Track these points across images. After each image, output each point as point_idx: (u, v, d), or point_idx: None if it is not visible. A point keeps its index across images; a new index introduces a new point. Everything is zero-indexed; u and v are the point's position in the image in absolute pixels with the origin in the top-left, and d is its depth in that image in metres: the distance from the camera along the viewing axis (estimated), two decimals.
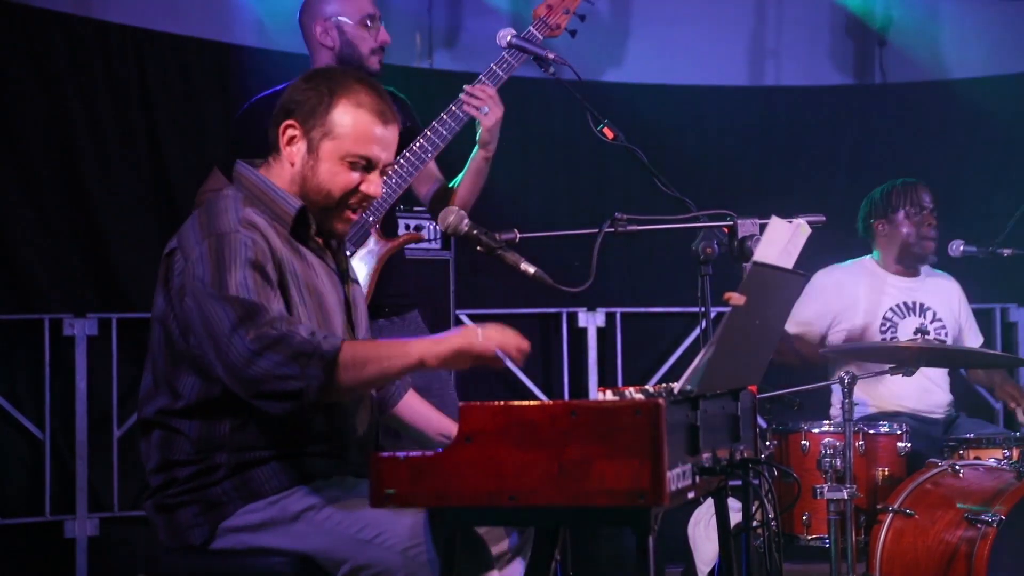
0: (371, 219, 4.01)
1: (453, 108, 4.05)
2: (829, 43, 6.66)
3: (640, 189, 5.38)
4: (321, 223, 2.96)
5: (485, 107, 4.01)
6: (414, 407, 3.24)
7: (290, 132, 2.91)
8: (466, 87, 4.04)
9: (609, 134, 3.76)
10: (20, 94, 5.26)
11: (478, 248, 3.15)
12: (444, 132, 4.05)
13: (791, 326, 5.10)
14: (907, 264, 5.25)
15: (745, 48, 6.59)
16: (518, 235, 3.26)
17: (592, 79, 4.18)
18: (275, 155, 2.95)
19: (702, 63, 6.53)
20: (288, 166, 2.92)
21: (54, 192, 5.39)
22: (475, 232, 3.14)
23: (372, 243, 4.04)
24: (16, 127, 5.28)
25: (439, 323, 4.68)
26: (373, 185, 2.92)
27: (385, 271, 4.04)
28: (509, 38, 4.03)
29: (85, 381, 5.35)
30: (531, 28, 4.11)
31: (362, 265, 4.01)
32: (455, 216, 3.15)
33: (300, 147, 2.90)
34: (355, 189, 2.91)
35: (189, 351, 2.81)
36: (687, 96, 6.51)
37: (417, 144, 4.03)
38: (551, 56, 3.95)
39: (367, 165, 2.91)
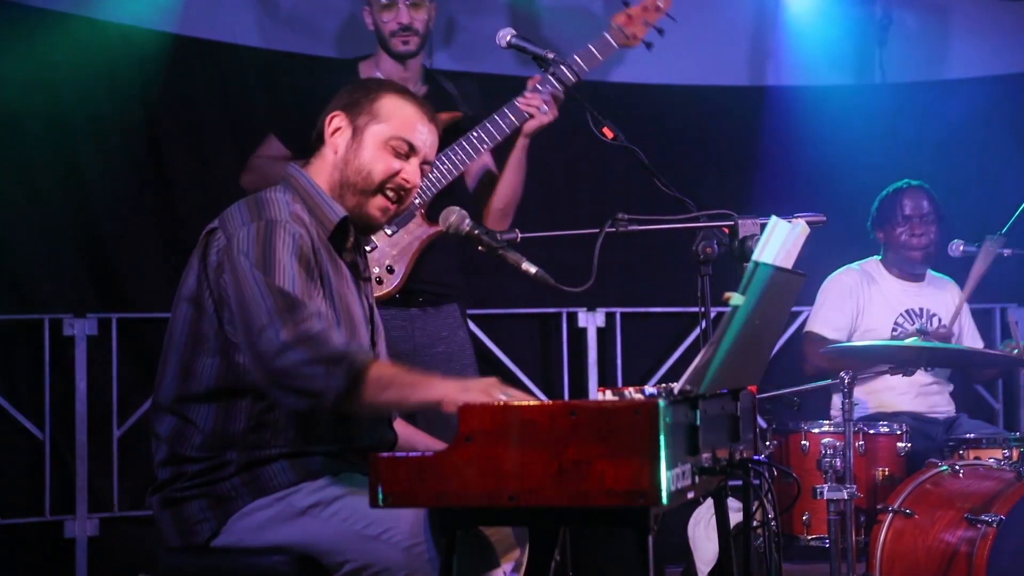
0: (417, 202, 4.02)
1: (514, 103, 4.08)
2: (829, 43, 6.65)
3: (640, 189, 5.41)
4: (359, 213, 3.00)
5: (545, 107, 4.06)
6: (397, 428, 3.24)
7: (336, 122, 3.00)
8: (531, 83, 4.07)
9: (609, 134, 3.76)
10: (20, 94, 5.26)
11: (479, 248, 3.16)
12: (502, 126, 4.08)
13: (829, 331, 5.10)
14: (905, 270, 5.26)
15: (745, 48, 6.58)
16: (519, 235, 3.27)
17: (592, 79, 4.17)
18: (313, 161, 3.02)
19: (702, 63, 6.52)
20: (331, 155, 3.00)
21: (54, 192, 5.39)
22: (476, 232, 3.14)
23: (414, 226, 4.06)
24: (16, 127, 5.28)
25: None
26: (412, 174, 3.00)
27: (424, 256, 4.06)
28: (509, 38, 4.03)
29: (85, 381, 5.35)
30: (606, 34, 4.16)
31: (402, 245, 4.03)
32: (456, 216, 3.16)
33: (345, 135, 2.99)
34: (395, 174, 2.97)
35: (217, 332, 2.82)
36: (687, 96, 6.51)
37: (473, 134, 4.05)
38: (551, 56, 3.96)
39: (408, 152, 2.98)
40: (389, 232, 4.03)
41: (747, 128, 6.60)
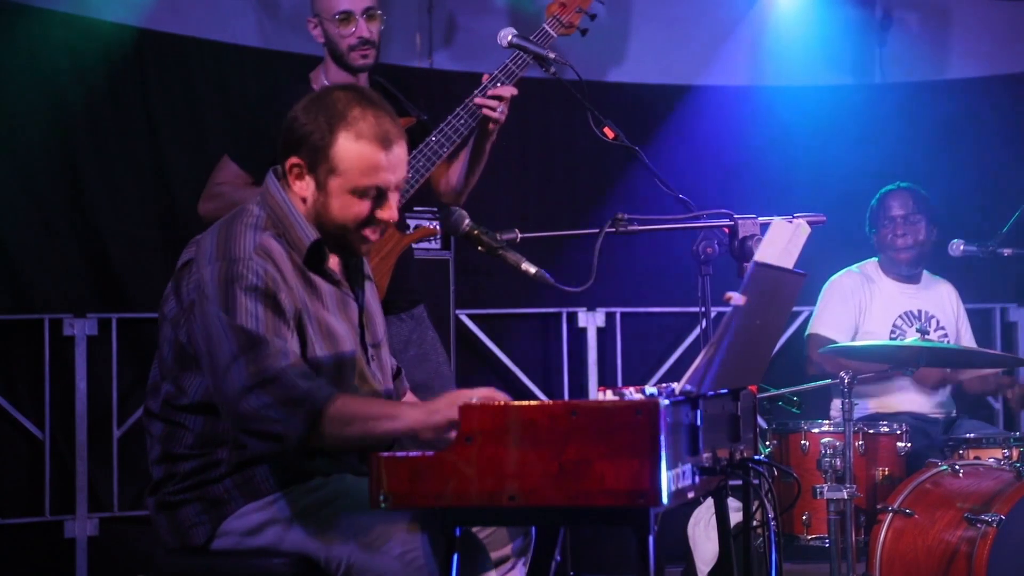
0: None
1: (468, 103, 4.04)
2: (829, 43, 6.65)
3: (640, 189, 5.40)
4: (342, 249, 2.95)
5: (501, 107, 4.02)
6: None
7: (296, 170, 2.88)
8: (489, 90, 4.01)
9: (609, 134, 3.76)
10: (20, 94, 5.26)
11: (479, 248, 3.15)
12: (460, 127, 4.04)
13: (833, 333, 5.10)
14: (897, 272, 5.27)
15: (745, 48, 6.58)
16: (519, 235, 3.26)
17: (592, 79, 4.17)
18: (288, 183, 2.91)
19: (701, 63, 6.53)
20: (299, 201, 2.90)
21: (54, 192, 5.39)
22: (476, 232, 3.14)
23: (387, 238, 4.03)
24: (16, 127, 5.28)
25: (439, 323, 4.67)
26: (388, 210, 2.88)
27: (398, 267, 4.04)
28: (510, 38, 4.03)
29: (85, 381, 5.35)
30: (544, 26, 4.11)
31: (382, 260, 4.01)
32: (456, 215, 3.15)
33: (309, 183, 2.87)
34: (370, 217, 2.88)
35: (195, 358, 2.82)
36: (688, 96, 6.51)
37: (433, 139, 4.02)
38: (552, 56, 3.95)
39: (378, 192, 2.87)
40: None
41: (747, 128, 6.59)
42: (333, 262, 2.98)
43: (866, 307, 5.19)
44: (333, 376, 2.84)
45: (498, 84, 4.03)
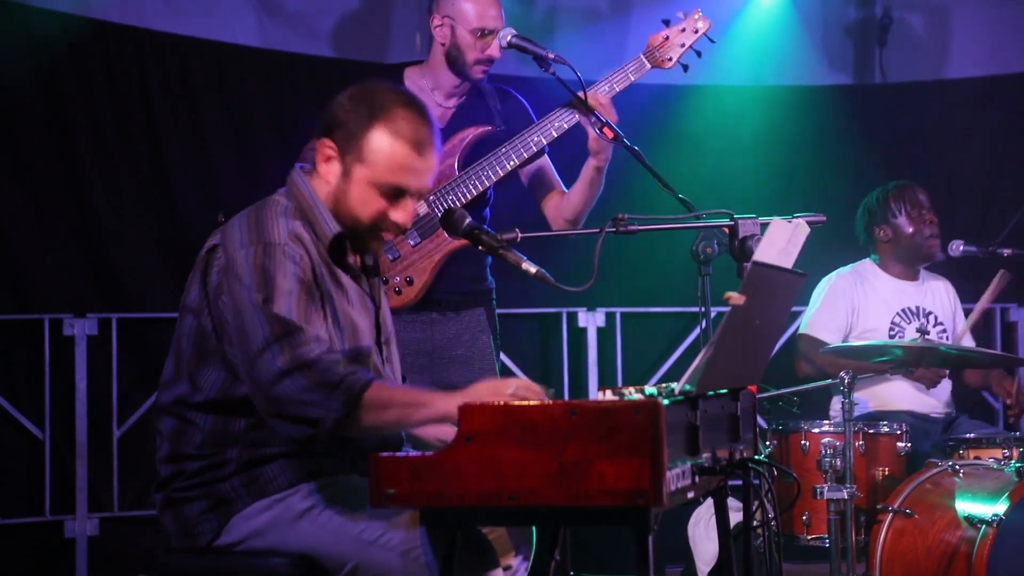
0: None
1: (544, 121, 4.06)
2: (829, 43, 6.65)
3: (640, 189, 5.40)
4: (355, 241, 2.96)
5: (595, 115, 4.01)
6: None
7: (327, 151, 2.90)
8: (578, 95, 4.01)
9: (609, 134, 3.77)
10: (20, 94, 5.26)
11: (479, 248, 3.15)
12: (530, 142, 4.06)
13: (826, 334, 5.10)
14: (911, 266, 5.26)
15: (745, 48, 6.58)
16: (519, 235, 3.27)
17: (592, 79, 4.17)
18: (316, 169, 2.94)
19: (701, 63, 6.52)
20: (324, 183, 2.92)
21: (54, 192, 5.38)
22: (476, 231, 3.14)
23: (437, 237, 4.04)
24: (16, 127, 5.28)
25: None
26: (403, 214, 2.90)
27: (447, 266, 4.05)
28: (510, 38, 4.03)
29: (85, 381, 5.35)
30: (641, 56, 4.12)
31: (423, 258, 4.02)
32: (456, 215, 3.15)
33: (335, 168, 2.90)
34: (383, 217, 2.90)
35: (219, 347, 2.82)
36: (687, 96, 6.50)
37: (502, 150, 4.03)
38: (552, 56, 3.95)
39: (399, 194, 2.89)
40: (412, 243, 4.03)
41: (747, 128, 6.59)
42: (352, 258, 3.00)
43: (860, 306, 5.17)
44: (349, 352, 2.86)
45: (599, 91, 4.02)
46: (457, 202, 4.01)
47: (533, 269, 3.10)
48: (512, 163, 4.04)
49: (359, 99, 2.90)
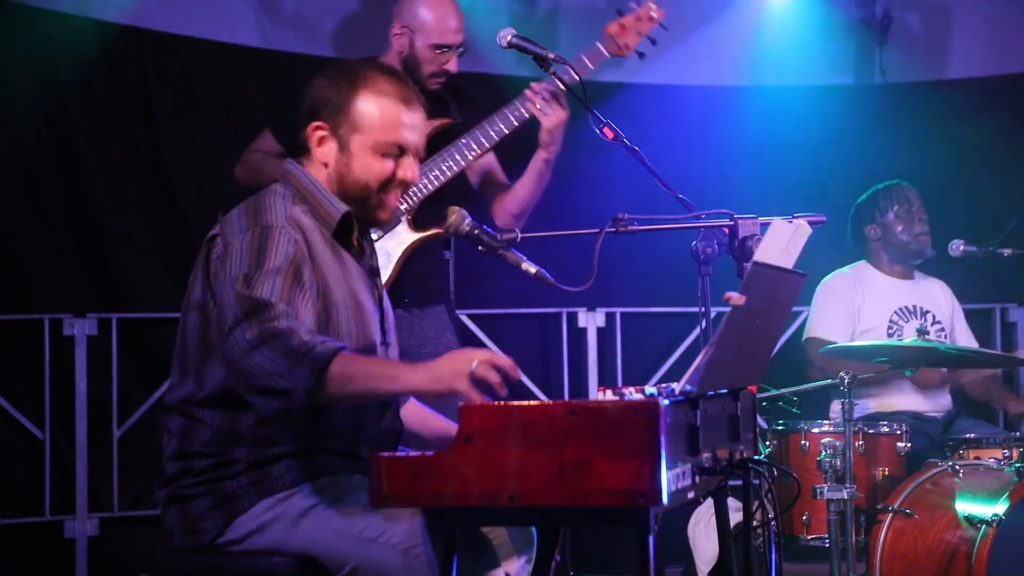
0: (404, 208, 4.02)
1: (505, 110, 4.07)
2: (829, 43, 6.65)
3: (640, 189, 5.40)
4: (364, 215, 2.99)
5: (548, 108, 4.03)
6: (410, 408, 3.24)
7: (319, 133, 2.94)
8: (532, 84, 4.05)
9: (609, 134, 3.76)
10: (20, 95, 5.26)
11: (479, 248, 3.16)
12: (492, 133, 4.07)
13: (831, 335, 5.10)
14: (903, 264, 5.27)
15: (745, 48, 6.58)
16: (519, 235, 3.27)
17: (592, 79, 4.17)
18: (307, 157, 2.97)
19: (702, 63, 6.53)
20: (322, 167, 2.95)
21: (54, 192, 5.38)
22: (476, 232, 3.14)
23: (402, 231, 4.06)
24: (16, 127, 5.28)
25: None
26: (409, 170, 2.96)
27: (409, 261, 4.06)
28: (510, 38, 4.03)
29: (85, 381, 5.35)
30: (598, 44, 4.12)
31: (387, 252, 4.03)
32: (456, 215, 3.15)
33: (331, 146, 2.94)
34: (391, 177, 2.94)
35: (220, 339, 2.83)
36: (688, 96, 6.50)
37: (462, 140, 4.05)
38: (552, 56, 3.96)
39: (399, 151, 2.93)
40: (375, 237, 4.04)
41: (747, 128, 6.59)
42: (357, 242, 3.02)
43: (859, 307, 5.18)
44: (353, 329, 2.89)
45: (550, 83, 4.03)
46: (419, 193, 4.02)
47: (533, 269, 3.10)
48: (473, 153, 4.07)
49: (336, 75, 2.97)
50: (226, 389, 2.84)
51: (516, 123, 4.09)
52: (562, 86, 4.05)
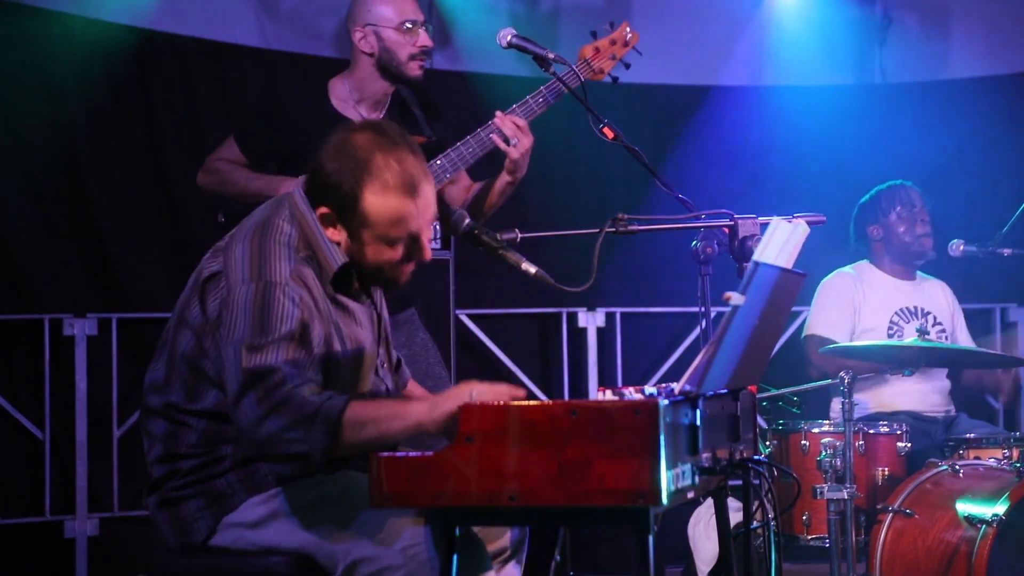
0: None
1: (480, 132, 4.05)
2: (829, 43, 6.65)
3: (640, 189, 5.40)
4: (378, 282, 3.00)
5: (514, 139, 4.01)
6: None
7: (327, 219, 2.89)
8: (497, 114, 4.03)
9: (609, 134, 3.76)
10: (20, 94, 5.26)
11: (479, 248, 3.16)
12: (467, 154, 4.06)
13: (831, 333, 5.10)
14: (905, 265, 5.27)
15: (745, 48, 6.58)
16: (519, 235, 3.27)
17: (592, 79, 4.17)
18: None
19: (702, 63, 6.53)
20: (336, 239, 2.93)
21: (54, 192, 5.39)
22: (476, 232, 3.14)
23: None
24: (16, 127, 5.28)
25: (438, 323, 4.67)
26: (422, 253, 2.92)
27: None
28: (509, 38, 4.02)
29: (85, 381, 5.35)
30: (573, 67, 4.09)
31: None
32: (456, 216, 3.15)
33: (341, 232, 2.90)
34: (405, 259, 2.92)
35: (218, 371, 2.82)
36: (688, 96, 6.51)
37: (438, 162, 4.03)
38: (551, 56, 3.95)
39: (410, 239, 2.89)
40: None
41: (747, 128, 6.59)
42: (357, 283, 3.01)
43: (860, 306, 5.19)
44: (352, 375, 2.90)
45: (515, 115, 4.04)
46: None
47: (533, 269, 3.10)
48: (448, 176, 4.05)
49: (338, 159, 2.86)
50: (221, 408, 2.83)
51: (491, 147, 4.07)
52: (565, 87, 4.04)
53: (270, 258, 2.83)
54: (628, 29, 4.23)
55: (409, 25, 4.11)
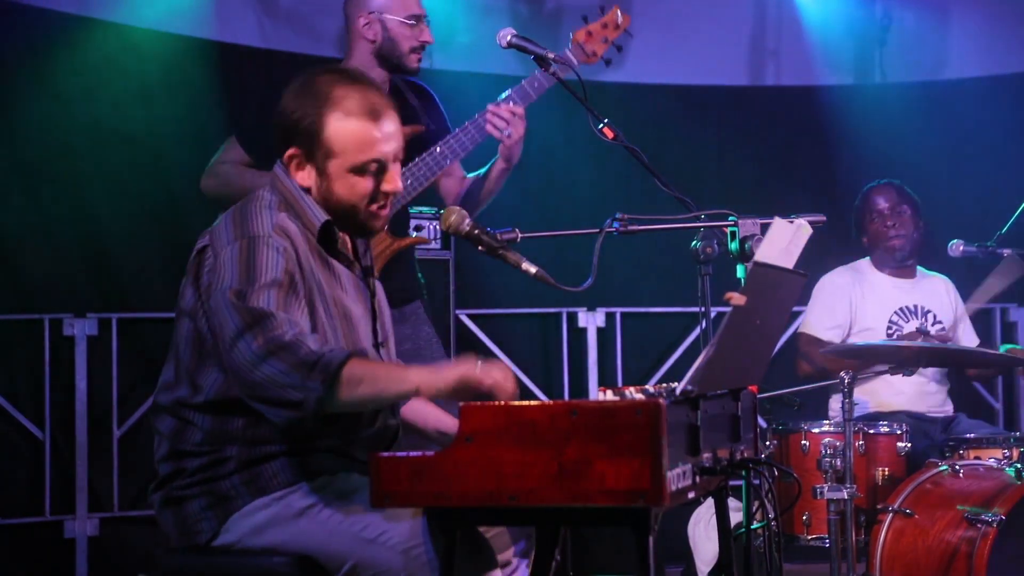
0: None
1: (478, 119, 4.07)
2: (829, 43, 6.65)
3: (640, 189, 5.40)
4: (356, 228, 2.99)
5: (508, 129, 4.03)
6: (410, 404, 3.24)
7: (296, 160, 2.92)
8: (490, 106, 4.05)
9: (609, 134, 3.76)
10: (20, 94, 5.26)
11: (479, 248, 3.16)
12: (466, 142, 4.08)
13: (825, 333, 5.11)
14: (891, 265, 5.27)
15: (745, 48, 6.58)
16: (519, 235, 3.27)
17: (592, 79, 4.18)
18: (291, 170, 2.95)
19: (702, 63, 6.53)
20: (306, 185, 2.94)
21: (54, 192, 5.39)
22: (476, 232, 3.14)
23: (378, 241, 4.05)
24: (16, 127, 5.28)
25: (439, 323, 4.68)
26: (391, 182, 2.93)
27: (389, 267, 4.06)
28: (509, 37, 4.03)
29: (85, 381, 5.35)
30: (567, 51, 4.13)
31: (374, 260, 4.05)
32: (456, 215, 3.15)
33: (310, 171, 2.92)
34: (375, 192, 2.92)
35: (215, 348, 2.82)
36: (687, 96, 6.51)
37: (437, 150, 4.05)
38: (552, 56, 3.96)
39: (379, 166, 2.91)
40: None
41: (747, 128, 6.60)
42: (346, 247, 3.01)
43: (858, 304, 5.19)
44: (331, 336, 2.87)
45: (511, 103, 4.05)
46: (397, 203, 4.02)
47: (533, 269, 3.10)
48: (447, 163, 4.08)
49: (301, 97, 2.92)
50: (223, 395, 2.84)
51: (487, 134, 4.10)
52: (565, 87, 4.04)
53: (251, 217, 2.86)
54: (619, 12, 4.25)
55: (414, 18, 4.15)
